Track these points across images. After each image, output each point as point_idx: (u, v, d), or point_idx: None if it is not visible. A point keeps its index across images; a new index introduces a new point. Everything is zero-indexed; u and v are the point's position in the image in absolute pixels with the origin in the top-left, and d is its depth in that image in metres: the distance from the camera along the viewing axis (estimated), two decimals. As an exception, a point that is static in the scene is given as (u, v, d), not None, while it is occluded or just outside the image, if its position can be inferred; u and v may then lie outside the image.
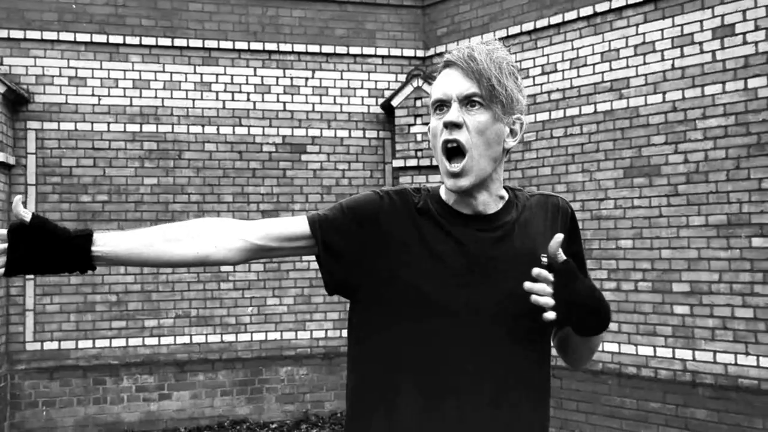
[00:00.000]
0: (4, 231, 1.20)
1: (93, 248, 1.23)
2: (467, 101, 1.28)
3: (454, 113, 1.27)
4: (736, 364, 4.66)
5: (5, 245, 1.19)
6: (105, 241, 1.24)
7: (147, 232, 1.29)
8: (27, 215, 1.20)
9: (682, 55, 5.03)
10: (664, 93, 5.12)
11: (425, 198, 1.37)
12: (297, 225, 1.34)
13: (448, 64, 1.32)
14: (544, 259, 1.34)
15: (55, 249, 1.20)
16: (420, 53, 6.54)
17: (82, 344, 5.77)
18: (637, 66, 5.27)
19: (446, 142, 1.29)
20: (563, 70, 5.68)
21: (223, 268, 6.03)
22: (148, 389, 5.85)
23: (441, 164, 1.32)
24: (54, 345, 5.72)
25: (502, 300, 1.31)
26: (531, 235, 1.36)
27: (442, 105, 1.30)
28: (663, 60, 5.14)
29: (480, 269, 1.31)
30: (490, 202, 1.36)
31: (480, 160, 1.28)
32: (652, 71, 5.18)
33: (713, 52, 4.87)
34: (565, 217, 1.43)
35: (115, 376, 5.80)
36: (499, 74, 1.28)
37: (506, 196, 1.40)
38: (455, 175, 1.28)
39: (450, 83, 1.30)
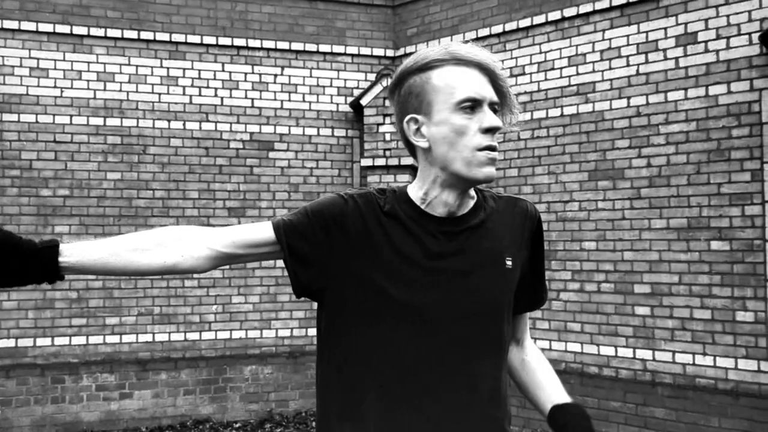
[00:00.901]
0: None
1: (60, 259, 1.22)
2: (492, 107, 1.30)
3: (496, 118, 1.28)
4: (694, 364, 4.78)
5: None
6: (71, 252, 1.24)
7: (113, 242, 1.28)
8: None
9: (647, 61, 5.14)
10: (628, 98, 5.22)
11: (392, 199, 1.36)
12: (262, 231, 1.33)
13: (470, 64, 1.30)
14: (509, 262, 1.36)
15: (21, 262, 1.20)
16: (390, 53, 6.55)
17: (40, 342, 5.63)
18: (602, 71, 5.37)
19: (490, 148, 1.28)
20: (531, 73, 5.75)
21: (188, 266, 5.94)
22: (108, 388, 5.74)
23: (468, 157, 1.28)
24: (11, 342, 5.57)
25: (468, 301, 1.32)
26: (497, 237, 1.37)
27: (473, 105, 1.28)
28: (628, 65, 5.23)
29: (446, 271, 1.32)
30: (466, 203, 1.37)
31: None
32: (618, 76, 5.28)
33: (676, 59, 4.99)
34: (532, 222, 1.44)
35: (74, 375, 5.67)
36: (509, 86, 1.33)
37: (475, 196, 1.41)
38: (493, 161, 1.29)
39: (481, 85, 1.29)
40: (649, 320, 5.00)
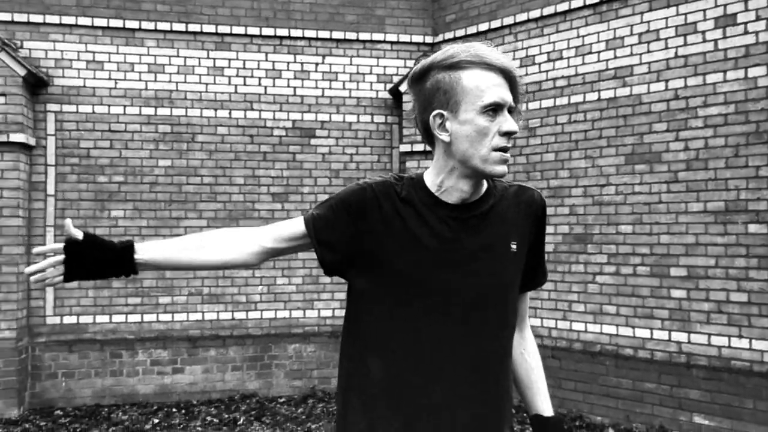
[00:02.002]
0: (61, 245, 1.44)
1: (135, 257, 1.47)
2: (509, 110, 1.42)
3: (515, 123, 1.41)
4: (729, 346, 4.79)
5: (62, 257, 1.43)
6: (145, 251, 1.48)
7: (179, 241, 1.53)
8: (79, 234, 1.45)
9: (685, 44, 5.11)
10: (666, 81, 5.20)
11: (409, 186, 1.49)
12: (296, 226, 1.52)
13: (496, 69, 1.41)
14: (514, 246, 1.49)
15: (104, 259, 1.46)
16: (429, 39, 6.64)
17: (99, 319, 6.02)
18: (641, 54, 5.35)
19: (506, 149, 1.42)
20: (569, 58, 5.77)
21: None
22: (162, 363, 6.09)
23: (486, 155, 1.41)
24: (73, 319, 5.97)
25: (478, 283, 1.45)
26: (505, 222, 1.49)
27: (496, 108, 1.40)
28: (666, 48, 5.21)
29: (457, 255, 1.44)
30: (478, 190, 1.49)
31: None
32: (656, 59, 5.26)
33: (715, 41, 4.95)
34: (538, 210, 1.56)
35: (130, 350, 6.04)
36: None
37: (486, 184, 1.52)
38: (506, 162, 1.43)
39: (504, 90, 1.40)
40: (685, 303, 5.02)
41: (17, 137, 5.60)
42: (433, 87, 1.42)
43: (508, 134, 1.40)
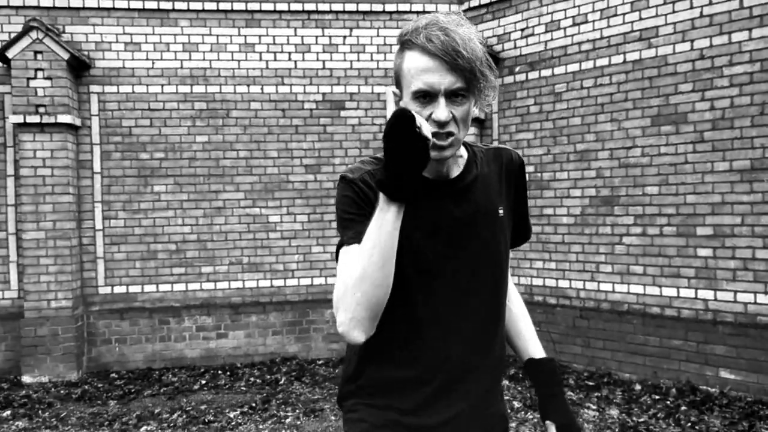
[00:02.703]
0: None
1: None
2: (452, 94, 1.33)
3: (444, 111, 1.32)
4: (755, 302, 4.86)
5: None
6: None
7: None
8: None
9: (710, 3, 5.09)
10: (692, 41, 5.20)
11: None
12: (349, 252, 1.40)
13: (430, 53, 1.32)
14: (501, 210, 1.54)
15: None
16: (455, 8, 6.70)
17: (147, 288, 6.37)
18: (666, 14, 5.35)
19: (437, 135, 1.34)
20: (593, 21, 5.79)
21: (271, 219, 6.52)
22: (206, 329, 6.44)
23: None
24: (123, 289, 6.34)
25: (475, 249, 1.48)
26: (489, 188, 1.51)
27: (425, 95, 1.33)
28: (692, 7, 5.20)
29: (448, 230, 1.45)
30: (452, 165, 1.48)
31: (461, 139, 1.39)
32: (681, 19, 5.25)
33: (741, -2, 4.92)
34: (516, 169, 1.59)
35: (177, 317, 6.39)
36: (480, 65, 1.32)
37: (465, 154, 1.51)
38: (441, 148, 1.35)
39: (435, 76, 1.31)
40: (711, 261, 5.09)
41: (64, 118, 5.92)
42: (394, 63, 1.42)
43: (436, 122, 1.33)
